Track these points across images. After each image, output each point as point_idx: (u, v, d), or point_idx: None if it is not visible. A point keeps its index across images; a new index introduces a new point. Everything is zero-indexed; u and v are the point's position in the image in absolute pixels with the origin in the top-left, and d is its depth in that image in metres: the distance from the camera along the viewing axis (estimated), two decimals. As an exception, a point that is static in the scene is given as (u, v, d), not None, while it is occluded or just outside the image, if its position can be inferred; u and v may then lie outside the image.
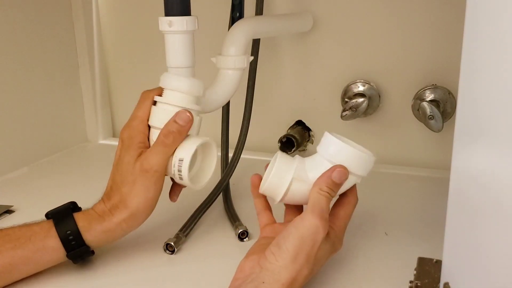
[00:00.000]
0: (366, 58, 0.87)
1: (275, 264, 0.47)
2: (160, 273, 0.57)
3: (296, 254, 0.48)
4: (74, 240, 0.53)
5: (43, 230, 0.54)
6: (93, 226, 0.55)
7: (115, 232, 0.56)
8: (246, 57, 0.66)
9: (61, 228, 0.54)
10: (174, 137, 0.55)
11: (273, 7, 0.89)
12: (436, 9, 0.81)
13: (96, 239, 0.55)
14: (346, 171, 0.53)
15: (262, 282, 0.47)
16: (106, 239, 0.56)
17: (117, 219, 0.55)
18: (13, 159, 0.88)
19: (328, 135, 0.55)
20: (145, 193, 0.55)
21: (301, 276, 0.48)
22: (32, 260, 0.53)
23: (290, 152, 0.89)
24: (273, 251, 0.48)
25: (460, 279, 0.37)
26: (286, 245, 0.48)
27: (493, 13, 0.30)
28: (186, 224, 0.65)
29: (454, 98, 0.82)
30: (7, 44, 0.85)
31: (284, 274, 0.47)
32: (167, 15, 0.59)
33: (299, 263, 0.48)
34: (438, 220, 0.41)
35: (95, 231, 0.55)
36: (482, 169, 0.33)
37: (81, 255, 0.55)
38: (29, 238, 0.53)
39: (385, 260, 0.59)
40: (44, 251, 0.53)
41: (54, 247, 0.53)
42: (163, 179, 0.56)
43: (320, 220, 0.49)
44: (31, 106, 0.91)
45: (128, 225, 0.56)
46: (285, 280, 0.47)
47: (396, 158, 0.90)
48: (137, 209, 0.55)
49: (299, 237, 0.48)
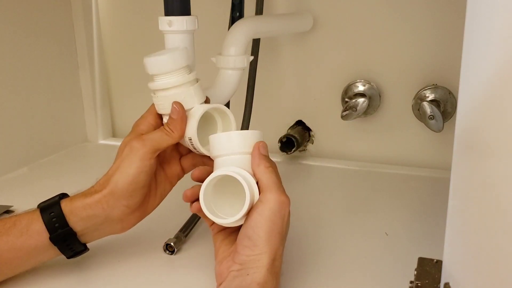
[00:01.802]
0: (366, 58, 0.87)
1: (252, 255, 0.48)
2: (160, 273, 0.57)
3: (269, 237, 0.48)
4: (58, 222, 0.52)
5: (28, 215, 0.53)
6: (74, 204, 0.53)
7: (95, 209, 0.53)
8: (246, 57, 0.66)
9: (45, 211, 0.53)
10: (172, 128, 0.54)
11: (273, 7, 0.89)
12: (437, 9, 0.81)
13: (78, 218, 0.53)
14: (265, 143, 0.53)
15: (246, 274, 0.47)
16: (89, 220, 0.53)
17: (98, 195, 0.53)
18: (13, 159, 0.88)
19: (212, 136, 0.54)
20: (127, 169, 0.53)
21: (279, 253, 0.49)
22: (17, 245, 0.52)
23: (290, 152, 0.89)
24: (245, 245, 0.48)
25: (460, 279, 0.37)
26: (257, 233, 0.48)
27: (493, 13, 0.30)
28: (186, 224, 0.65)
29: (454, 98, 0.82)
30: (7, 44, 0.85)
31: (264, 258, 0.48)
32: (167, 15, 0.59)
33: (275, 243, 0.48)
34: (438, 220, 0.41)
35: (76, 209, 0.53)
36: (482, 169, 0.33)
37: (64, 238, 0.53)
38: (14, 223, 0.53)
39: (385, 260, 0.59)
40: (28, 235, 0.52)
41: (38, 230, 0.52)
42: (152, 162, 0.54)
43: (282, 194, 0.49)
44: (31, 106, 0.91)
45: (108, 205, 0.53)
46: (267, 263, 0.47)
47: (396, 158, 0.90)
48: (116, 185, 0.53)
49: (268, 220, 0.48)
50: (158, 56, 0.54)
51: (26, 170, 0.89)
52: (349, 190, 0.82)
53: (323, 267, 0.57)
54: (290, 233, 0.52)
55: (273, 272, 0.48)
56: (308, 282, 0.55)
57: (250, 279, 0.47)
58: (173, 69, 0.54)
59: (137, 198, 0.54)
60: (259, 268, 0.47)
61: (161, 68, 0.54)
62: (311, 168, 0.91)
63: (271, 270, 0.47)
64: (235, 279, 0.47)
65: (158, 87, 0.54)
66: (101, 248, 0.60)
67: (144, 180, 0.54)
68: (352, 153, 0.92)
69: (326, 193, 0.81)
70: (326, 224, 0.68)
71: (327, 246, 0.62)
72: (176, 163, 0.59)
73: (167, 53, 0.55)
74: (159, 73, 0.54)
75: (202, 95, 0.56)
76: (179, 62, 0.54)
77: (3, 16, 0.84)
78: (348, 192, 0.81)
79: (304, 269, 0.57)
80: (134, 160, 0.53)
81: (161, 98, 0.55)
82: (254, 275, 0.47)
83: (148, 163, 0.53)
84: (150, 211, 0.58)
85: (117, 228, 0.56)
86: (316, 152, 0.94)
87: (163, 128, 0.55)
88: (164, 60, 0.54)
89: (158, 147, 0.54)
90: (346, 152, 0.93)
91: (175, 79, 0.54)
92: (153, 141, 0.54)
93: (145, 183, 0.54)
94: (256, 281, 0.46)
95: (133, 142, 0.54)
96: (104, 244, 0.62)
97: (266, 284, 0.47)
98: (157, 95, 0.55)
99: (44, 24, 0.91)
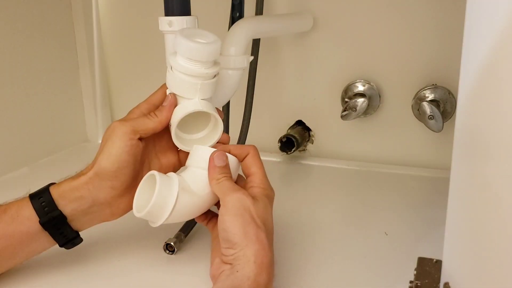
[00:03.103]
0: (366, 58, 0.87)
1: (235, 253, 0.48)
2: (160, 273, 0.57)
3: (244, 231, 0.49)
4: (47, 206, 0.52)
5: (18, 202, 0.54)
6: (62, 187, 0.54)
7: (82, 191, 0.54)
8: (246, 57, 0.66)
9: (35, 197, 0.53)
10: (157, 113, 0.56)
11: (273, 7, 0.89)
12: (436, 9, 0.81)
13: (66, 201, 0.53)
14: (223, 153, 0.55)
15: (236, 271, 0.48)
16: (77, 202, 0.53)
17: (84, 177, 0.54)
18: (13, 159, 0.88)
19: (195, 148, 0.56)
20: (109, 149, 0.54)
21: (263, 239, 0.49)
22: (8, 232, 0.52)
23: (290, 152, 0.89)
24: (226, 246, 0.49)
25: (460, 279, 0.37)
26: (231, 232, 0.49)
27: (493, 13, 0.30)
28: (186, 224, 0.65)
29: (454, 98, 0.82)
30: (7, 44, 0.85)
31: (249, 252, 0.48)
32: (167, 15, 0.59)
33: (253, 234, 0.49)
34: (438, 220, 0.41)
35: (64, 192, 0.53)
36: (482, 169, 0.33)
37: (55, 222, 0.53)
38: (4, 210, 0.53)
39: (385, 260, 0.59)
40: (18, 221, 0.52)
41: (29, 216, 0.52)
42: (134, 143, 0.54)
43: (236, 192, 0.51)
44: (31, 106, 0.91)
45: (94, 186, 0.54)
46: (252, 255, 0.48)
47: (396, 158, 0.90)
48: (99, 166, 0.54)
49: (234, 217, 0.50)
50: (198, 45, 0.53)
51: (26, 170, 0.89)
52: (349, 190, 0.82)
53: (323, 267, 0.57)
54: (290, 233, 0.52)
55: (262, 264, 0.48)
56: (308, 282, 0.55)
57: (241, 275, 0.47)
58: (203, 60, 0.54)
59: (122, 178, 0.54)
60: (246, 263, 0.48)
61: (194, 55, 0.54)
62: (311, 168, 0.91)
63: (258, 262, 0.48)
64: (228, 278, 0.48)
65: (179, 68, 0.54)
66: (101, 248, 0.60)
67: (127, 160, 0.54)
68: (352, 153, 0.92)
69: (326, 193, 0.81)
70: (326, 224, 0.69)
71: (327, 246, 0.62)
72: (173, 154, 0.60)
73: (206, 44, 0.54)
74: (190, 58, 0.54)
75: (209, 91, 0.56)
76: (211, 56, 0.55)
77: (3, 16, 0.84)
78: (348, 192, 0.81)
79: (304, 269, 0.57)
80: (114, 140, 0.54)
81: (175, 77, 0.55)
82: (243, 271, 0.47)
83: (129, 143, 0.54)
84: None
85: (106, 213, 0.56)
86: (316, 152, 0.94)
87: (150, 113, 0.57)
88: (201, 50, 0.54)
89: (138, 128, 0.55)
90: (346, 152, 0.93)
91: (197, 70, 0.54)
92: (134, 122, 0.56)
93: (129, 164, 0.54)
94: (246, 276, 0.47)
95: (115, 124, 0.56)
96: (104, 243, 0.62)
97: (256, 276, 0.47)
98: (173, 71, 0.55)
99: (44, 24, 0.91)
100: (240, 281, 0.47)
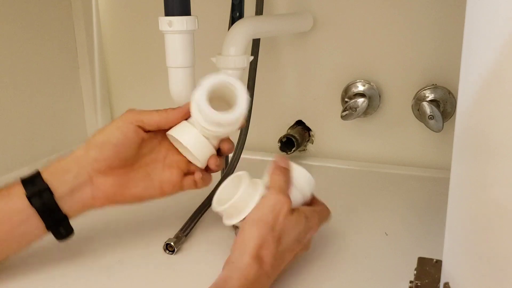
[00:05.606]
0: (366, 58, 0.87)
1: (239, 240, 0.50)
2: (160, 273, 0.57)
3: (256, 223, 0.50)
4: (34, 181, 0.53)
5: (9, 184, 0.54)
6: (51, 165, 0.55)
7: (68, 162, 0.55)
8: (246, 57, 0.66)
9: (25, 178, 0.54)
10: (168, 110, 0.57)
11: (273, 7, 0.89)
12: (436, 9, 0.81)
13: (50, 171, 0.54)
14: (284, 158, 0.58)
15: (232, 262, 0.49)
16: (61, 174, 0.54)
17: (74, 151, 0.55)
18: (13, 159, 0.88)
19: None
20: (107, 125, 0.56)
21: (268, 244, 0.49)
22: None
23: (290, 152, 0.89)
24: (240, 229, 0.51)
25: (460, 279, 0.37)
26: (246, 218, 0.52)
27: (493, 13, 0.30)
28: (186, 224, 0.65)
29: (454, 98, 0.82)
30: (7, 44, 0.85)
31: (250, 244, 0.48)
32: (167, 15, 0.59)
33: (262, 231, 0.49)
34: (438, 220, 0.41)
35: (51, 165, 0.55)
36: (482, 169, 0.33)
37: (41, 197, 0.53)
38: None
39: (385, 260, 0.59)
40: (8, 198, 0.53)
41: (18, 193, 0.53)
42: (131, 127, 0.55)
43: (279, 193, 0.52)
44: (31, 106, 0.91)
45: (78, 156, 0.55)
46: (252, 248, 0.48)
47: (396, 158, 0.90)
48: (91, 137, 0.56)
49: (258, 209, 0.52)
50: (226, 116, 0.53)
51: (26, 170, 0.89)
52: (349, 190, 0.82)
53: (323, 267, 0.57)
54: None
55: (259, 259, 0.48)
56: (308, 281, 0.55)
57: (234, 266, 0.48)
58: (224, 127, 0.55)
59: (106, 153, 0.55)
60: (243, 255, 0.48)
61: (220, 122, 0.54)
62: (311, 168, 0.90)
63: (255, 257, 0.48)
64: (226, 267, 0.49)
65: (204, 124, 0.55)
66: (101, 248, 0.60)
67: (117, 137, 0.55)
68: (352, 153, 0.92)
69: (325, 193, 0.81)
70: (326, 224, 0.68)
71: (327, 246, 0.62)
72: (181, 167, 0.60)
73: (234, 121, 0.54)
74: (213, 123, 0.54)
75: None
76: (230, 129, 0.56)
77: (3, 16, 0.84)
78: (348, 192, 0.81)
79: (304, 269, 0.57)
80: (116, 120, 0.56)
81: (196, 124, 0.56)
82: (237, 262, 0.48)
83: (128, 125, 0.55)
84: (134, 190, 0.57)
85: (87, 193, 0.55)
86: (316, 152, 0.94)
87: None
88: (225, 124, 0.55)
89: (143, 117, 0.56)
90: (346, 152, 0.93)
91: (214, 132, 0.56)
92: (142, 111, 0.57)
93: (118, 141, 0.55)
94: (238, 266, 0.47)
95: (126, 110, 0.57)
96: (104, 243, 0.62)
97: (246, 270, 0.47)
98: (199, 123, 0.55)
99: (44, 24, 0.91)
100: (231, 272, 0.48)
